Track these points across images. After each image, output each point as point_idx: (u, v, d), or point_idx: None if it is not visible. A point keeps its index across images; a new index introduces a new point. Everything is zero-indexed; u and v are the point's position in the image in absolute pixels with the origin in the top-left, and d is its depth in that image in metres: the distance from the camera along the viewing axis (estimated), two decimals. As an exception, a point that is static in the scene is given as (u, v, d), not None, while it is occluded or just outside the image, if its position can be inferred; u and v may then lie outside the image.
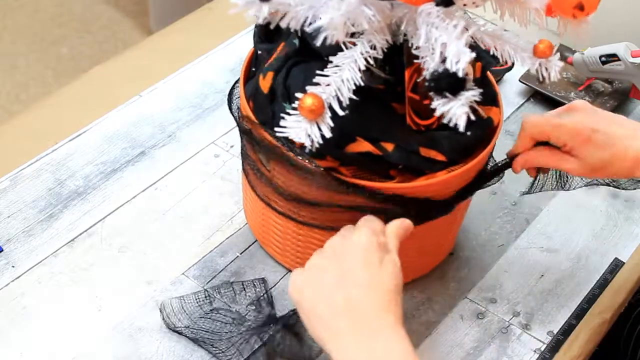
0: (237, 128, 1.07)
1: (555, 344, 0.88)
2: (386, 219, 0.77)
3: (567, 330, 0.90)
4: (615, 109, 1.15)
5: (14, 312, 0.86)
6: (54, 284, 0.89)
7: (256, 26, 0.87)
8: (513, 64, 0.99)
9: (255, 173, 0.85)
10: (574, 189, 0.95)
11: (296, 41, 0.81)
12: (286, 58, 0.82)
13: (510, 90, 1.17)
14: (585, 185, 0.95)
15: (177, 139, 1.06)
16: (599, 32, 0.75)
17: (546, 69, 0.75)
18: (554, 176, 0.93)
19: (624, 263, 0.97)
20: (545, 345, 0.88)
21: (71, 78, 1.63)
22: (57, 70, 2.34)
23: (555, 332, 0.90)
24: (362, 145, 0.78)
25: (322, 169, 0.77)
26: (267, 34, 0.86)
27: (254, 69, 0.87)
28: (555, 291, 0.94)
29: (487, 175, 0.86)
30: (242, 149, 0.88)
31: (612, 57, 1.10)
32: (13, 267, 0.90)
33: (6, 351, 0.83)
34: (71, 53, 2.40)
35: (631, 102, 1.18)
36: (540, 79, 0.76)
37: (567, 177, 0.94)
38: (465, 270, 0.95)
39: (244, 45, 1.20)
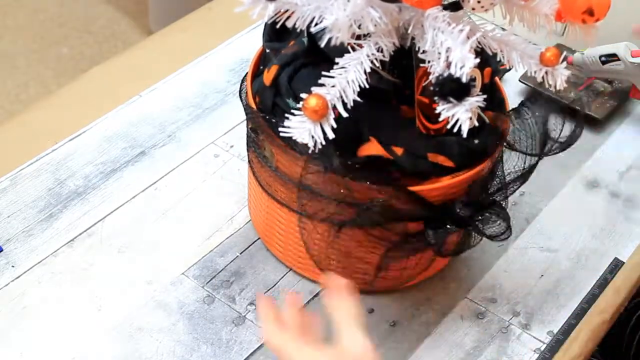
0: (236, 128, 1.08)
1: (555, 344, 0.88)
2: (384, 220, 0.77)
3: (567, 330, 0.90)
4: (615, 109, 1.15)
5: (14, 312, 0.86)
6: (54, 284, 0.89)
7: (266, 25, 0.87)
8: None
9: (260, 161, 0.85)
10: None
11: (305, 40, 0.81)
12: (294, 56, 0.82)
13: (510, 90, 1.17)
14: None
15: (177, 139, 1.06)
16: (599, 32, 0.75)
17: (552, 76, 0.75)
18: None
19: (624, 263, 0.97)
20: (545, 345, 0.88)
21: (71, 78, 1.63)
22: (57, 70, 2.34)
23: (555, 332, 0.90)
24: (374, 147, 0.77)
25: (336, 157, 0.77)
26: (276, 33, 0.86)
27: (261, 67, 0.87)
28: (555, 291, 0.94)
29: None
30: (247, 139, 0.88)
31: (612, 57, 1.10)
32: (13, 267, 0.90)
33: (6, 351, 0.83)
34: (71, 53, 2.40)
35: (631, 102, 1.18)
36: (546, 86, 0.76)
37: None
38: (465, 270, 0.95)
39: (244, 45, 1.20)
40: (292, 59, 0.82)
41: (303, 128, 0.71)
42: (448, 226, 0.82)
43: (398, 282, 0.90)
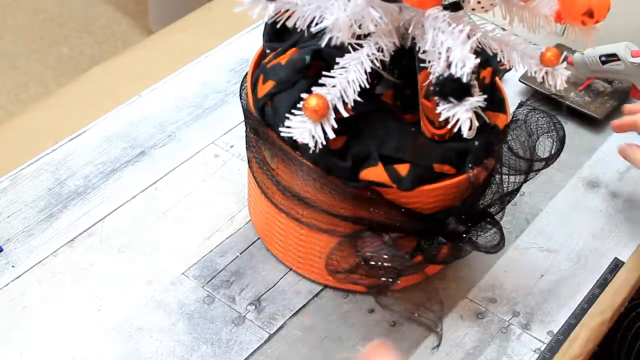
0: (236, 128, 1.08)
1: (555, 344, 0.88)
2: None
3: (567, 330, 0.90)
4: (615, 109, 1.15)
5: (14, 312, 0.86)
6: (54, 284, 0.89)
7: (266, 25, 0.86)
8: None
9: (257, 163, 0.85)
10: None
11: (308, 57, 0.81)
12: (292, 74, 0.81)
13: (510, 90, 1.17)
14: None
15: (177, 139, 1.06)
16: (599, 32, 0.76)
17: (552, 77, 0.75)
18: None
19: (624, 263, 0.97)
20: (545, 345, 0.88)
21: (71, 78, 1.63)
22: (57, 70, 2.34)
23: (555, 332, 0.90)
24: (379, 174, 0.77)
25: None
26: (276, 33, 0.86)
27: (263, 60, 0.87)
28: (555, 291, 0.94)
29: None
30: (246, 139, 0.88)
31: (612, 57, 1.10)
32: (13, 267, 0.90)
33: (6, 351, 0.83)
34: (71, 53, 2.40)
35: (631, 102, 1.18)
36: (547, 86, 0.76)
37: None
38: (465, 270, 0.95)
39: (244, 45, 1.20)
40: (290, 77, 0.80)
41: (304, 128, 0.71)
42: (440, 239, 0.82)
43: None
